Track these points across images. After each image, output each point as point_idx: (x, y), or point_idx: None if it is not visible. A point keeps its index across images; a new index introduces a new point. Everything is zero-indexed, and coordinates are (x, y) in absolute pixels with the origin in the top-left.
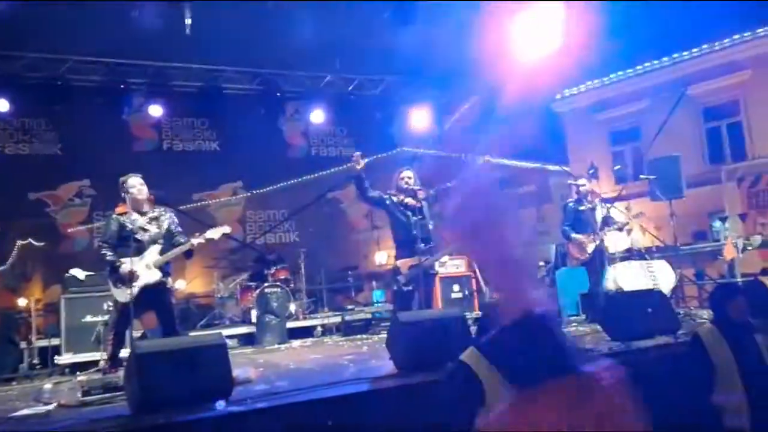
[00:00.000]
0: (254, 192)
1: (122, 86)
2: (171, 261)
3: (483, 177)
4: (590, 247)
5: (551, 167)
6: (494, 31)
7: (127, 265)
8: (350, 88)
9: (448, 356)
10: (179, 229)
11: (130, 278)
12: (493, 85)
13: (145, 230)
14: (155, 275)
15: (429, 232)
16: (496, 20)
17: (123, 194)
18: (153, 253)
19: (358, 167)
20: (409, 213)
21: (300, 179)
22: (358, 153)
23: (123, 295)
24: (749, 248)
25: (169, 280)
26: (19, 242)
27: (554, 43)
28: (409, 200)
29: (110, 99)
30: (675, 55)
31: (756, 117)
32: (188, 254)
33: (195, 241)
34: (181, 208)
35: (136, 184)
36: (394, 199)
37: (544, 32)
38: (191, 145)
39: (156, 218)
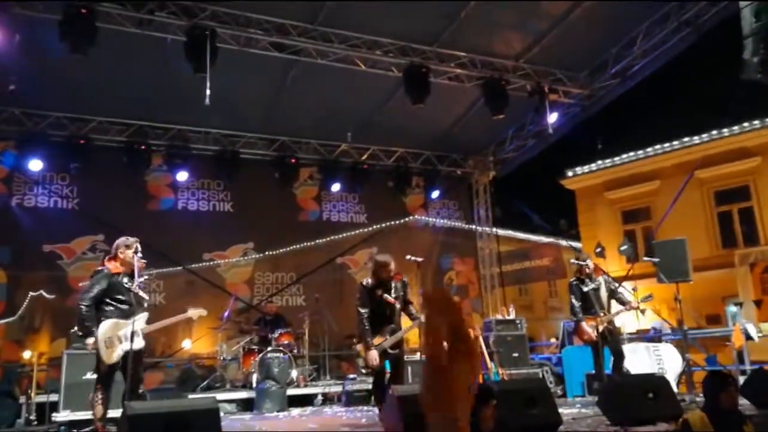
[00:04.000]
0: (264, 254)
1: (143, 147)
2: None
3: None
4: (600, 328)
5: (562, 242)
6: None
7: (91, 340)
8: (364, 157)
9: None
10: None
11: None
12: None
13: (136, 294)
14: (141, 342)
15: (399, 318)
16: None
17: (120, 254)
18: (141, 320)
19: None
20: (388, 312)
21: (311, 243)
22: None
23: (109, 356)
24: (760, 335)
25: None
26: (31, 293)
27: None
28: (387, 297)
29: (130, 159)
30: (685, 139)
31: (767, 202)
32: None
33: (178, 318)
34: (191, 266)
35: (136, 248)
36: (376, 293)
37: None
38: (206, 205)
39: (147, 284)
